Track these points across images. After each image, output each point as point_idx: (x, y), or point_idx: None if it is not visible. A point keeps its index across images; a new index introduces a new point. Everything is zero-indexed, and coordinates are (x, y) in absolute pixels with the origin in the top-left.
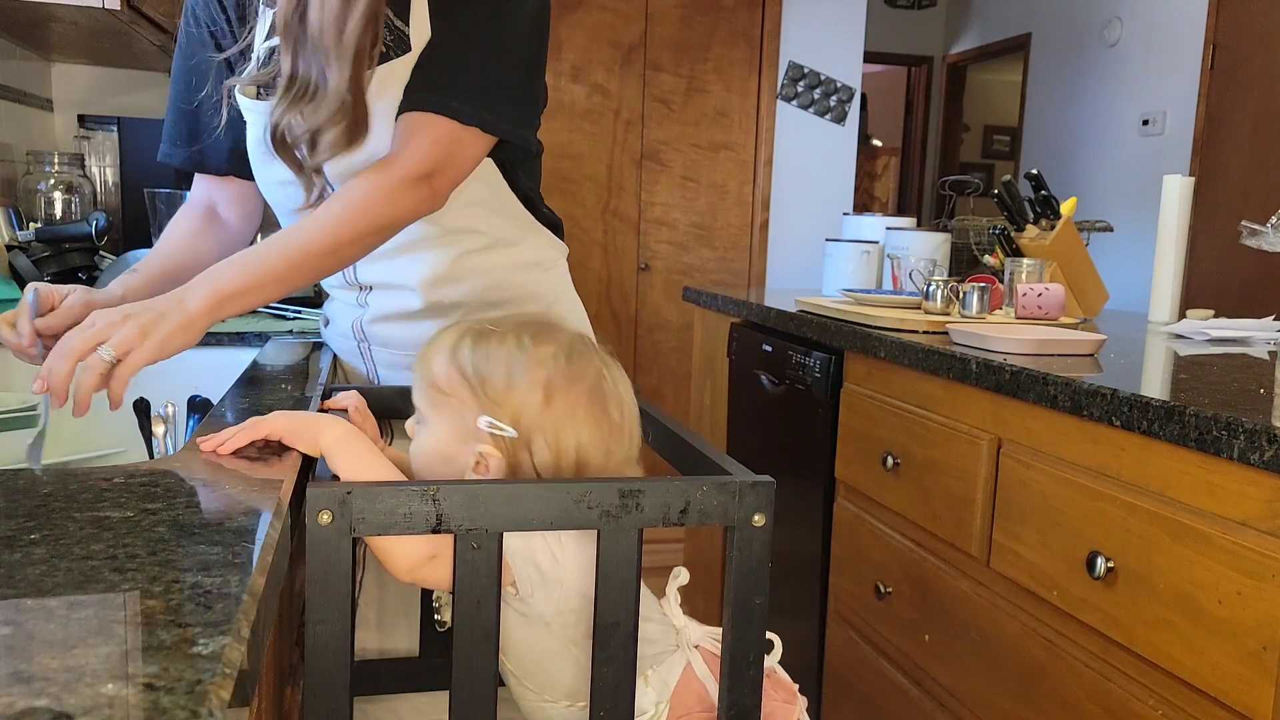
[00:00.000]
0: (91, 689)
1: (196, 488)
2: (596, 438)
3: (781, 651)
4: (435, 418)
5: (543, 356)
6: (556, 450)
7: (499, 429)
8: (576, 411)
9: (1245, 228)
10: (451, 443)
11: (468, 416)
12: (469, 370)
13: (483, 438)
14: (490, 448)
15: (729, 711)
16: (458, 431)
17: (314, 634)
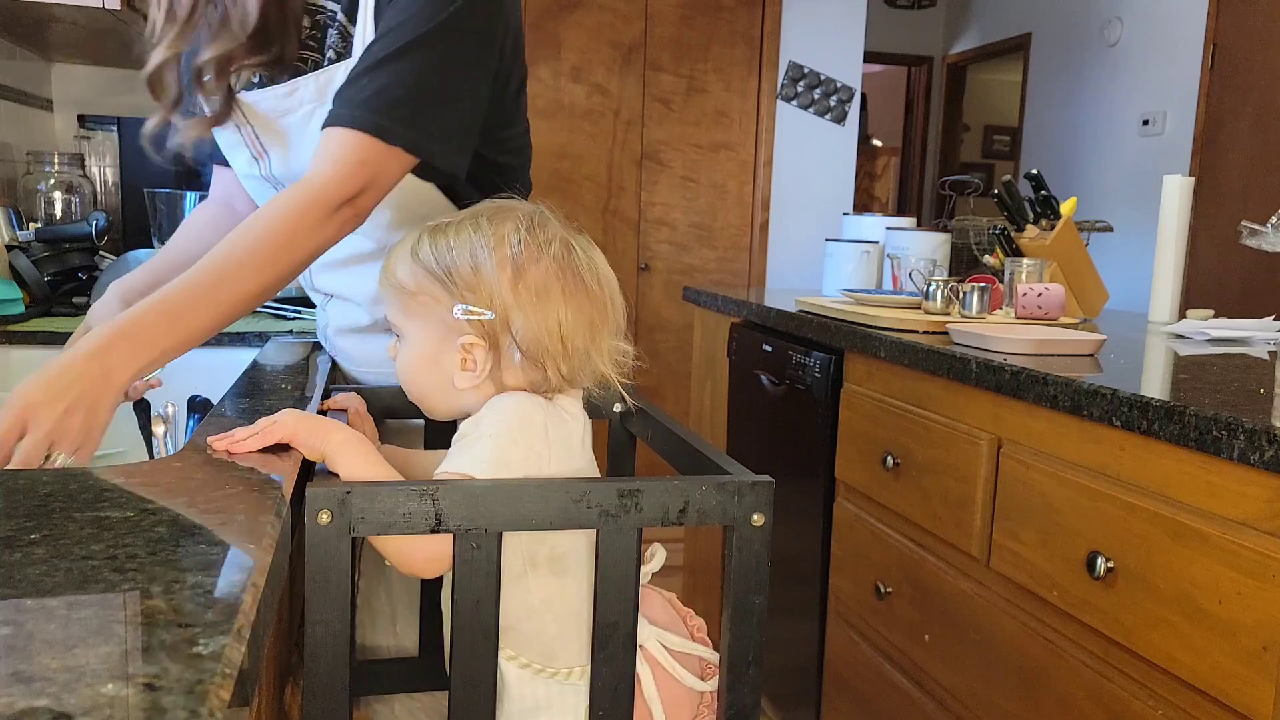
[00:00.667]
0: (91, 689)
1: (196, 488)
2: (576, 310)
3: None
4: (411, 325)
5: (504, 233)
6: (538, 327)
7: (475, 313)
8: (550, 285)
9: (1245, 228)
10: (433, 346)
11: (443, 312)
12: (433, 264)
13: (462, 329)
14: (472, 338)
15: (728, 711)
16: (437, 332)
17: (313, 634)
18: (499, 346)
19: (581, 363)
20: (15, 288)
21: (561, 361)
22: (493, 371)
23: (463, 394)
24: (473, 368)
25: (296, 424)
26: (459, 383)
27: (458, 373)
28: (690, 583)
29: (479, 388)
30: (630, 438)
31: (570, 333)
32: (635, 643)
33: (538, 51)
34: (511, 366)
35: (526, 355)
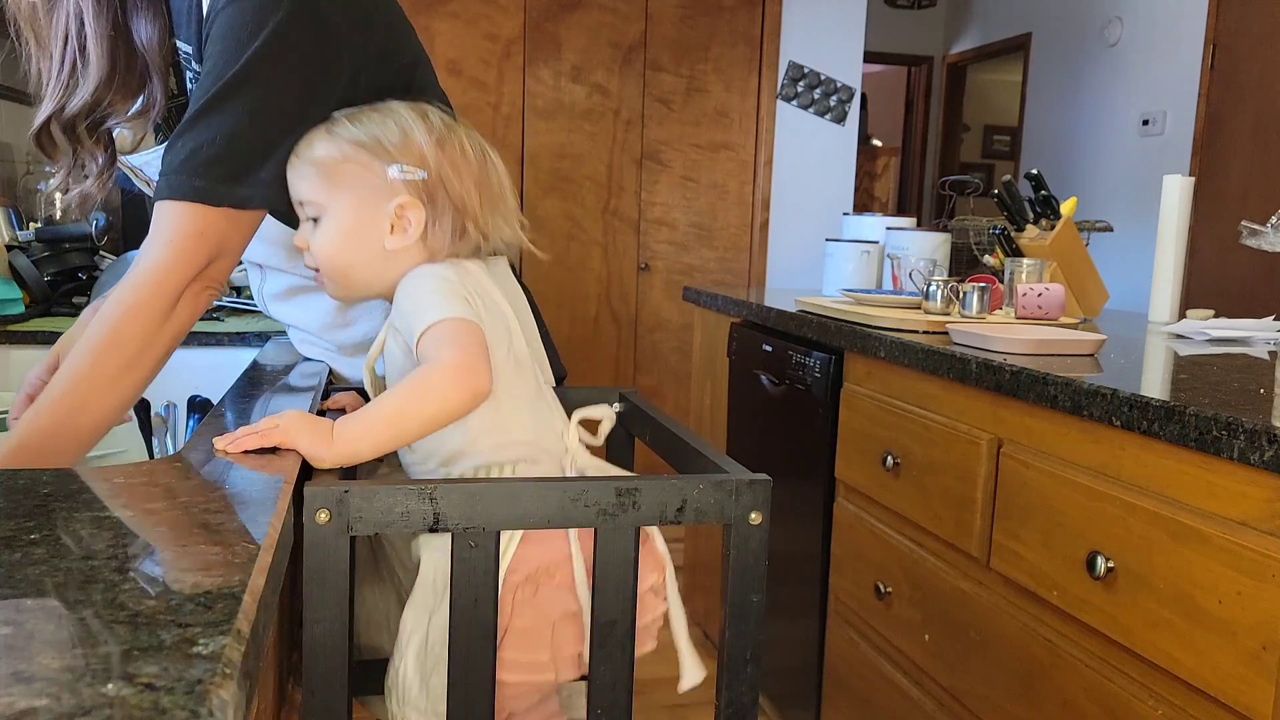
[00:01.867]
0: (91, 689)
1: (196, 488)
2: (484, 176)
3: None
4: (335, 198)
5: (423, 111)
6: (462, 187)
7: (411, 172)
8: (466, 151)
9: (1245, 228)
10: (361, 215)
11: (372, 178)
12: (359, 135)
13: (394, 192)
14: (406, 198)
15: (726, 710)
16: (364, 198)
17: (312, 633)
18: (434, 203)
19: (494, 223)
20: (15, 288)
21: (480, 220)
22: (424, 233)
23: (390, 261)
24: (405, 229)
25: (298, 432)
26: (390, 245)
27: (388, 237)
28: (690, 582)
29: (409, 251)
30: (629, 437)
31: (486, 195)
32: (633, 641)
33: (538, 52)
34: (441, 228)
35: (455, 210)
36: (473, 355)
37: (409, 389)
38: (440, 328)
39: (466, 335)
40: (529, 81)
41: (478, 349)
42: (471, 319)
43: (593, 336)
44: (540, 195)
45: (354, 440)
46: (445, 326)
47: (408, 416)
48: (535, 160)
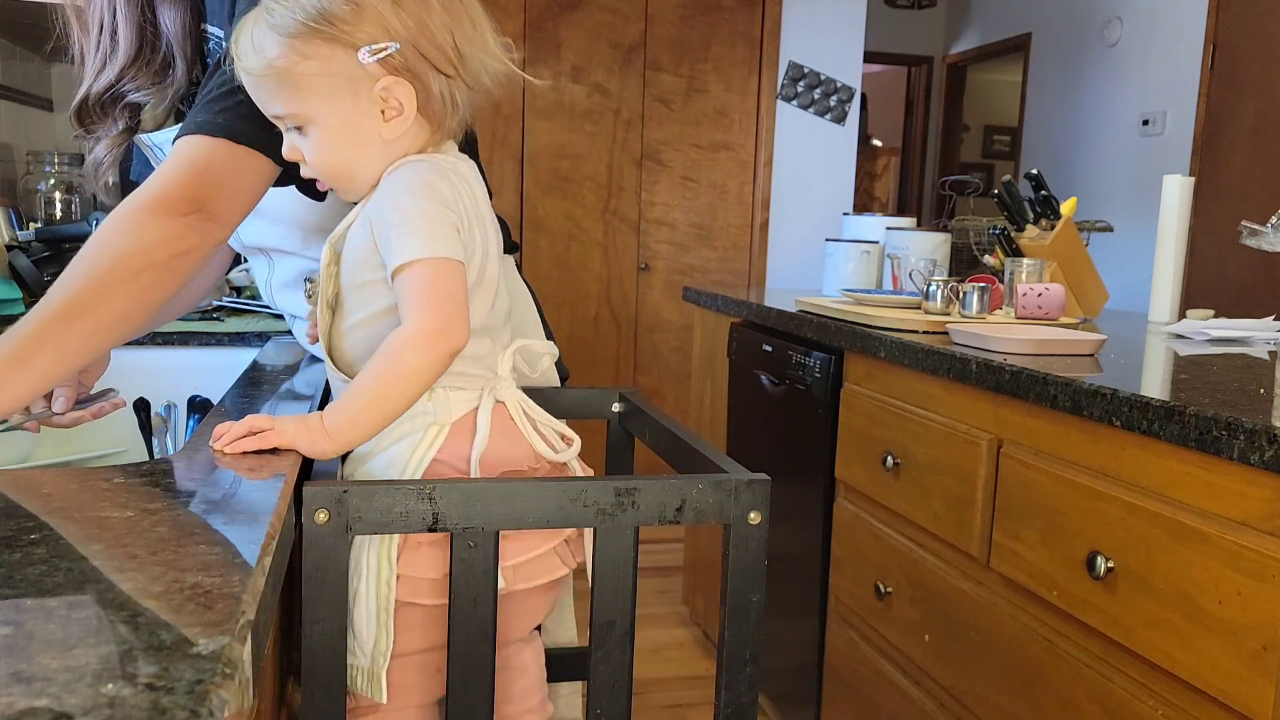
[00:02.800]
0: (91, 689)
1: (197, 488)
2: (452, 13)
3: None
4: (310, 103)
5: None
6: (436, 41)
7: (381, 49)
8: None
9: (1245, 228)
10: (345, 113)
11: (341, 69)
12: (308, 21)
13: (373, 74)
14: (389, 79)
15: (725, 710)
16: (343, 94)
17: (311, 633)
18: (416, 74)
19: (481, 65)
20: (15, 288)
21: (466, 74)
22: (419, 108)
23: (391, 149)
24: (397, 111)
25: (295, 434)
26: (388, 134)
27: (384, 126)
28: (690, 582)
29: (406, 136)
30: (629, 437)
31: (462, 40)
32: (632, 640)
33: (538, 51)
34: (433, 97)
35: (440, 72)
36: (449, 313)
37: (386, 369)
38: (421, 270)
39: (447, 284)
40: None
41: (455, 302)
42: (456, 258)
43: (593, 336)
44: (540, 195)
45: (346, 430)
46: (426, 270)
47: (391, 397)
48: (535, 160)
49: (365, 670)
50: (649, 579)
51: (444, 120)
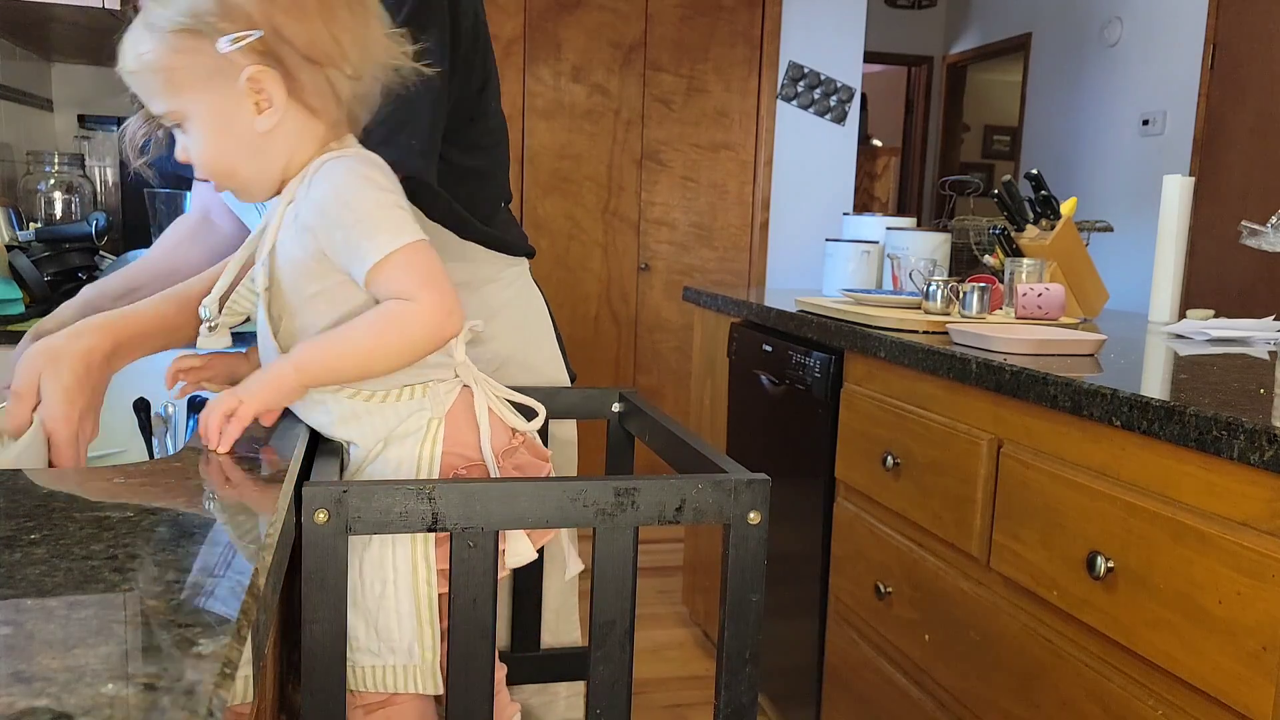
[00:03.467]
0: (91, 689)
1: (196, 488)
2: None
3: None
4: (183, 98)
5: None
6: (309, 30)
7: (242, 37)
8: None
9: (1245, 228)
10: (216, 106)
11: (207, 61)
12: (176, 16)
13: (237, 64)
14: (254, 68)
15: (725, 710)
16: (211, 87)
17: (310, 633)
18: (284, 63)
19: (364, 56)
20: (15, 288)
21: (344, 63)
22: (292, 103)
23: (275, 143)
24: (269, 102)
25: (262, 395)
26: (263, 125)
27: (258, 120)
28: (690, 582)
29: (292, 123)
30: (629, 437)
31: (340, 28)
32: (632, 640)
33: (538, 51)
34: (308, 85)
35: (312, 62)
36: (449, 294)
37: (388, 330)
38: (404, 258)
39: (431, 262)
40: (529, 81)
41: (445, 278)
42: (424, 237)
43: (593, 336)
44: (540, 195)
45: (319, 372)
46: (410, 256)
47: (381, 359)
48: (535, 160)
49: (403, 668)
50: (649, 579)
51: (328, 112)
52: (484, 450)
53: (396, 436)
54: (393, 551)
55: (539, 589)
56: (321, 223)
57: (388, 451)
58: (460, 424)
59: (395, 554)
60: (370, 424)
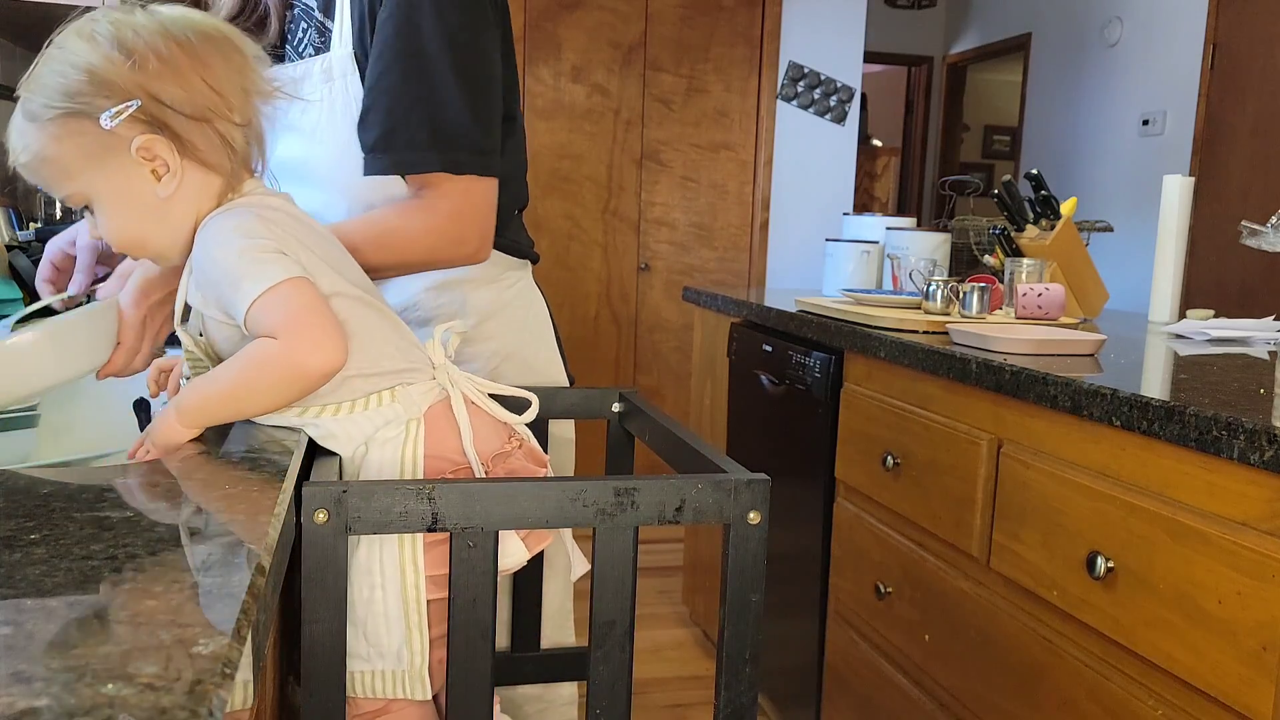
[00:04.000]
0: (91, 689)
1: (196, 488)
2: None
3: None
4: (80, 180)
5: (87, 34)
6: (186, 88)
7: (122, 110)
8: (163, 47)
9: (1245, 228)
10: (113, 181)
11: (93, 139)
12: (55, 102)
13: (125, 135)
14: (142, 138)
15: (725, 710)
16: (106, 163)
17: (310, 633)
18: (170, 126)
19: (247, 101)
20: (15, 288)
21: (233, 112)
22: (187, 164)
23: (180, 207)
24: (165, 167)
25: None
26: (163, 192)
27: (158, 187)
28: (690, 583)
29: (193, 185)
30: (629, 437)
31: (218, 80)
32: (632, 640)
33: (538, 51)
34: (201, 144)
35: (198, 119)
36: (319, 328)
37: (245, 365)
38: (267, 300)
39: (298, 298)
40: (529, 81)
41: (314, 312)
42: (296, 274)
43: (593, 336)
44: (540, 195)
45: (197, 415)
46: (268, 300)
47: (244, 395)
48: (535, 160)
49: (392, 673)
50: (649, 579)
51: (224, 165)
52: (467, 452)
53: (377, 441)
54: (380, 555)
55: (539, 589)
56: (205, 281)
57: (370, 454)
58: (442, 426)
59: (383, 558)
60: (346, 435)
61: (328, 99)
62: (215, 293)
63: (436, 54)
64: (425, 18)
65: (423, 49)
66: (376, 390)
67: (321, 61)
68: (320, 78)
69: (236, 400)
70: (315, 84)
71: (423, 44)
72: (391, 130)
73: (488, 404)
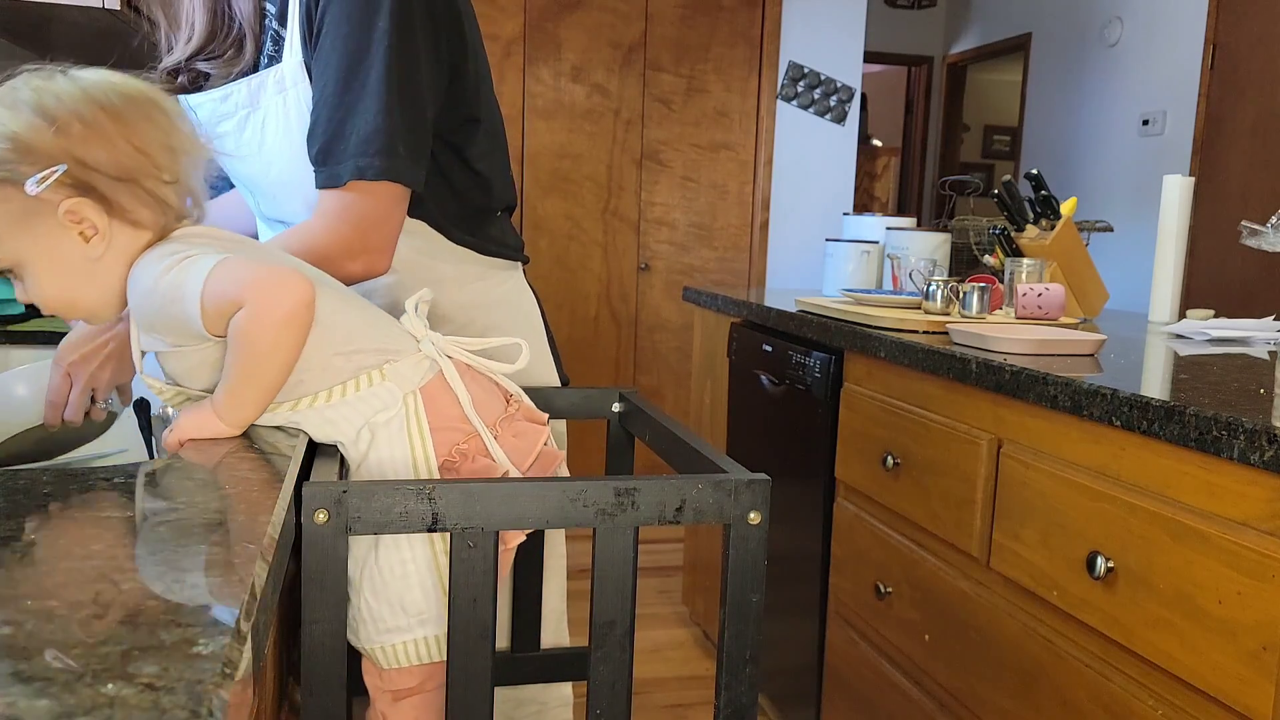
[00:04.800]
0: (91, 689)
1: (196, 488)
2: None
3: None
4: (14, 245)
5: (8, 101)
6: (112, 150)
7: (47, 175)
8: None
9: (1245, 228)
10: (44, 247)
11: (19, 205)
12: None
13: (51, 200)
14: (69, 202)
15: (725, 710)
16: (33, 229)
17: (310, 633)
18: (97, 188)
19: (174, 159)
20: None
21: (161, 170)
22: (115, 224)
23: (112, 265)
24: (93, 229)
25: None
26: (92, 254)
27: (87, 249)
28: (690, 583)
29: (124, 242)
30: (629, 437)
31: (143, 140)
32: (632, 640)
33: (538, 51)
34: (130, 203)
35: (124, 180)
36: (274, 273)
37: (246, 341)
38: (210, 287)
39: (238, 267)
40: (529, 81)
41: (260, 265)
42: (218, 258)
43: (593, 336)
44: (540, 195)
45: (234, 410)
46: (213, 283)
47: (266, 363)
48: (535, 160)
49: (436, 638)
50: (649, 579)
51: (152, 222)
52: (470, 418)
53: (379, 425)
54: (407, 535)
55: (539, 589)
56: (149, 317)
57: (377, 443)
58: (441, 398)
59: (410, 536)
60: (345, 421)
61: (282, 109)
62: (165, 321)
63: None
64: (356, 27)
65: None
66: (364, 369)
67: (274, 73)
68: (274, 89)
69: (254, 379)
70: (270, 95)
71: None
72: (325, 144)
73: (480, 363)
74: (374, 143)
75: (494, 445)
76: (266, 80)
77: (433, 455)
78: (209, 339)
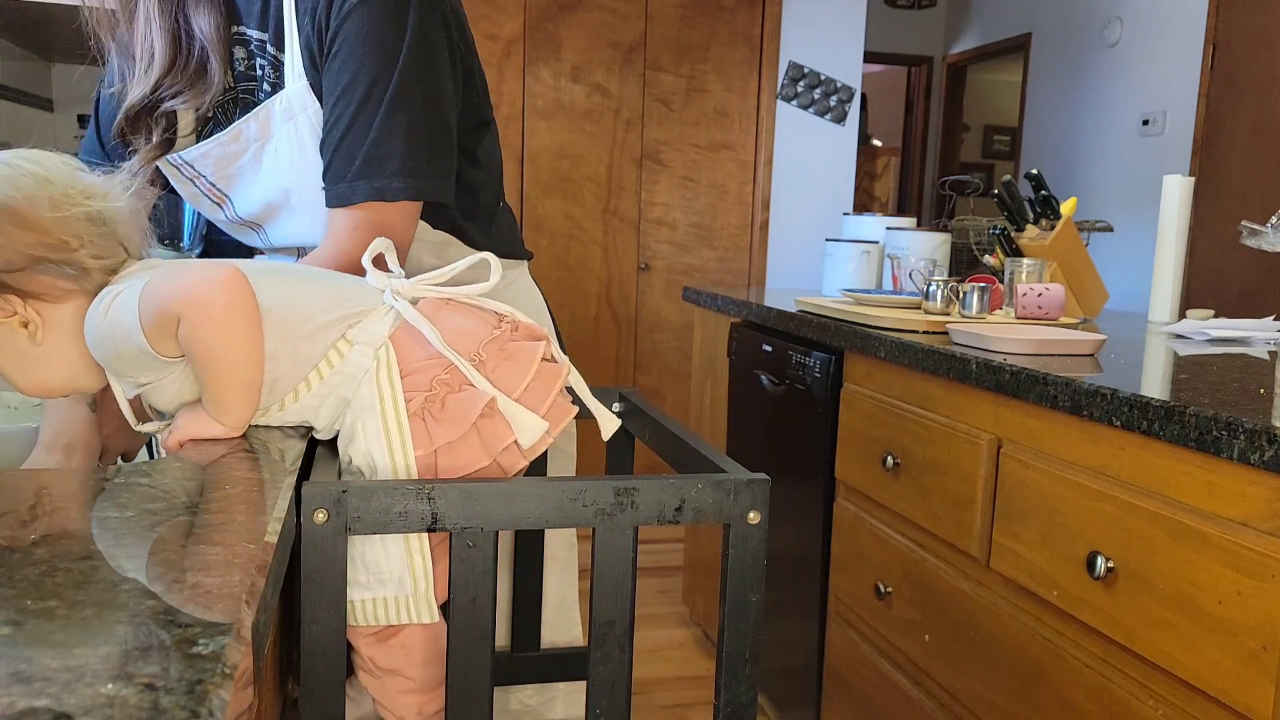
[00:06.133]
0: (91, 689)
1: (196, 488)
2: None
3: None
4: None
5: None
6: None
7: None
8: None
9: (1245, 228)
10: None
11: None
12: None
13: None
14: None
15: (724, 710)
16: None
17: (309, 633)
18: (19, 286)
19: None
20: None
21: (77, 248)
22: (43, 307)
23: (59, 344)
24: (26, 319)
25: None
26: (40, 340)
27: (31, 336)
28: (690, 582)
29: (59, 330)
30: (629, 437)
31: (36, 222)
32: (632, 640)
33: (538, 51)
34: (53, 288)
35: (30, 268)
36: (184, 279)
37: (196, 357)
38: (144, 307)
39: (161, 284)
40: (529, 81)
41: (182, 273)
42: (147, 278)
43: (593, 336)
44: (540, 195)
45: (223, 414)
46: (146, 302)
47: (226, 364)
48: (535, 160)
49: (395, 599)
50: (649, 579)
51: (88, 284)
52: (441, 350)
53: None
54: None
55: (539, 588)
56: (114, 366)
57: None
58: (410, 340)
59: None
60: (334, 396)
61: (294, 134)
62: (126, 362)
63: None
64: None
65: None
66: (330, 345)
67: (280, 100)
68: (282, 116)
69: (226, 379)
70: (278, 123)
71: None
72: (355, 165)
73: (454, 291)
74: (406, 162)
75: (472, 372)
76: (273, 108)
77: (402, 402)
78: (171, 363)
